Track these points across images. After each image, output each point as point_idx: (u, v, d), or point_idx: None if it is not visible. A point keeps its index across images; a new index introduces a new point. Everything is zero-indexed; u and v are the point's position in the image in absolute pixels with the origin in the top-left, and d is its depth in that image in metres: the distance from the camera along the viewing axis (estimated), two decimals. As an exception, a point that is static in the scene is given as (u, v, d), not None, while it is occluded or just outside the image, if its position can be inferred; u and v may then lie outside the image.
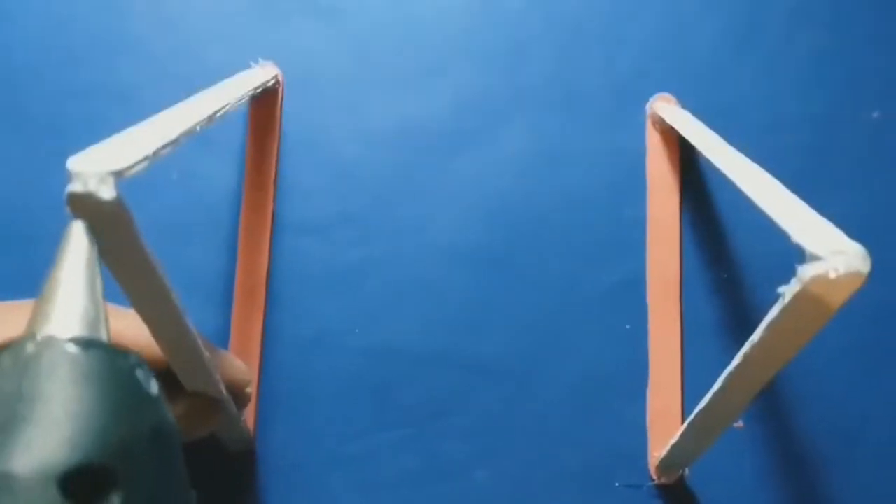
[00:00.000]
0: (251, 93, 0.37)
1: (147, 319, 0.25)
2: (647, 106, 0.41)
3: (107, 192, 0.20)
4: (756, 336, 0.25)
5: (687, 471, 0.39)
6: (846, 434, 0.40)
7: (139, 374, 0.16)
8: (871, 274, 0.40)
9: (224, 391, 0.29)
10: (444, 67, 0.42)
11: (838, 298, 0.22)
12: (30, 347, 0.16)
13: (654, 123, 0.41)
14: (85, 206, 0.20)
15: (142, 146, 0.22)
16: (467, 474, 0.39)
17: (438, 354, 0.40)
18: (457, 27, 0.43)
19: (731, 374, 0.28)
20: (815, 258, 0.22)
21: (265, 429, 0.39)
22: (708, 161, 0.41)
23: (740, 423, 0.40)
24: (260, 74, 0.40)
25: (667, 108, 0.40)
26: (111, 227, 0.20)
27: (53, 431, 0.14)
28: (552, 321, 0.40)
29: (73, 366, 0.15)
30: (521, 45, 0.43)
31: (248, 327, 0.40)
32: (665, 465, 0.38)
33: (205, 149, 0.41)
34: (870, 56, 0.42)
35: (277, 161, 0.41)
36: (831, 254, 0.22)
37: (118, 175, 0.20)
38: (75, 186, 0.20)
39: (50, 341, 0.16)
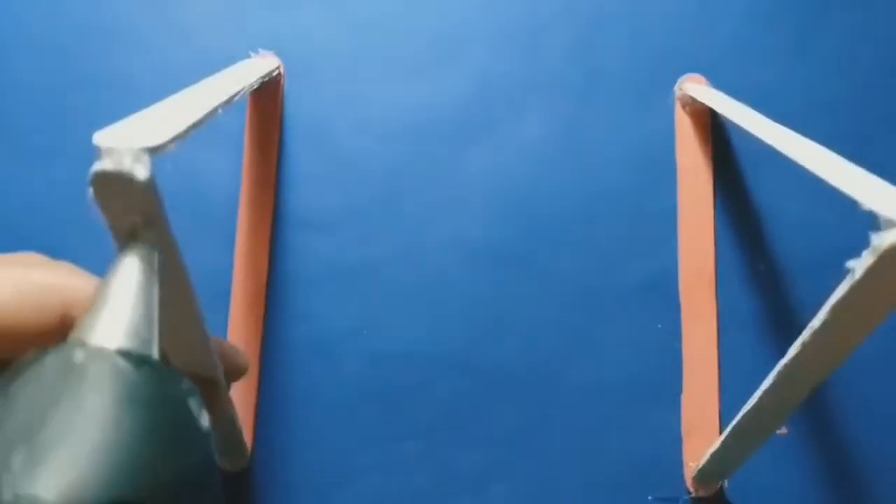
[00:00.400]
0: (255, 83, 0.34)
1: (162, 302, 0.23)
2: (676, 88, 0.38)
3: (142, 172, 0.17)
4: (818, 321, 0.22)
5: (726, 482, 0.36)
6: (893, 441, 0.37)
7: (192, 403, 0.15)
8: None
9: (222, 376, 0.26)
10: (456, 53, 0.40)
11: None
12: (78, 356, 0.14)
13: (683, 105, 0.38)
14: (115, 186, 0.17)
15: (172, 124, 0.20)
16: (483, 489, 0.36)
17: (452, 359, 0.37)
18: (469, 9, 0.40)
19: (784, 368, 0.25)
20: (891, 224, 0.19)
21: (264, 441, 0.36)
22: (743, 144, 0.38)
23: (784, 430, 0.36)
24: (261, 64, 0.37)
25: (697, 88, 0.37)
26: (142, 210, 0.18)
27: (89, 459, 0.12)
28: (576, 322, 0.37)
29: (122, 384, 0.14)
30: (538, 26, 0.40)
31: (246, 331, 0.37)
32: (703, 476, 0.34)
33: (202, 143, 0.39)
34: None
35: (279, 154, 0.39)
36: (911, 217, 0.19)
37: (153, 152, 0.18)
38: (106, 164, 0.17)
39: (100, 353, 0.14)
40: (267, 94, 0.39)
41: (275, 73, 0.38)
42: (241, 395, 0.36)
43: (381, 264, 0.38)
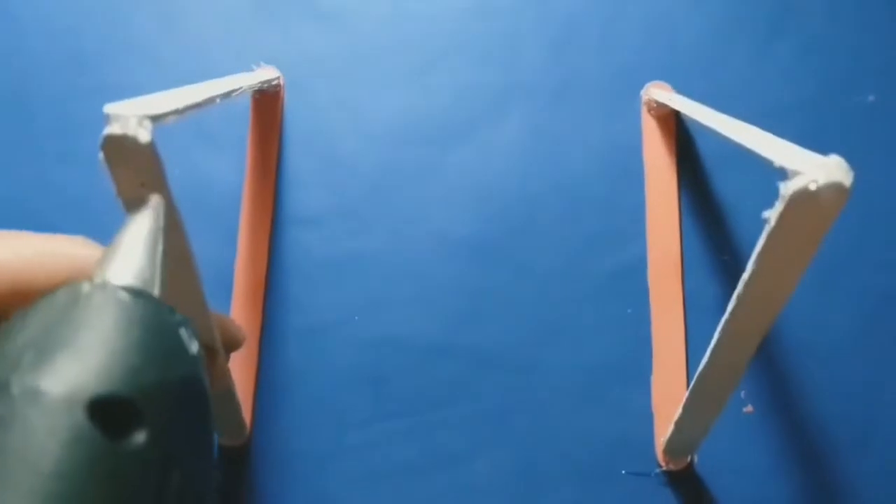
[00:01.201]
0: (258, 86, 0.38)
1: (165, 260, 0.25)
2: (642, 93, 0.42)
3: (144, 135, 0.21)
4: (748, 272, 0.25)
5: (695, 457, 0.38)
6: (858, 421, 0.39)
7: (183, 332, 0.17)
8: (879, 261, 0.39)
9: (220, 346, 0.28)
10: (440, 64, 0.43)
11: (825, 214, 0.22)
12: (86, 287, 0.16)
13: (649, 110, 0.41)
14: (121, 148, 0.21)
15: (171, 102, 0.24)
16: (468, 465, 0.38)
17: (438, 344, 0.40)
18: (451, 25, 0.44)
19: (727, 322, 0.27)
20: (796, 174, 0.22)
21: (262, 419, 0.39)
22: (705, 145, 0.41)
23: (750, 408, 0.39)
24: (262, 74, 0.41)
25: (662, 93, 0.41)
26: (145, 171, 0.21)
27: (89, 358, 0.14)
28: (552, 309, 0.40)
29: (121, 309, 0.16)
30: (515, 40, 0.43)
31: (247, 317, 0.40)
32: (672, 447, 0.37)
33: (207, 144, 0.42)
34: (864, 41, 0.43)
35: (279, 156, 0.42)
36: (811, 166, 0.22)
37: (155, 120, 0.21)
38: (113, 128, 0.20)
39: (104, 285, 0.16)
40: (269, 102, 0.43)
41: (274, 83, 0.42)
42: (242, 377, 0.39)
43: (371, 257, 0.41)
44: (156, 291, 0.18)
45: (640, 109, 0.42)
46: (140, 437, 0.14)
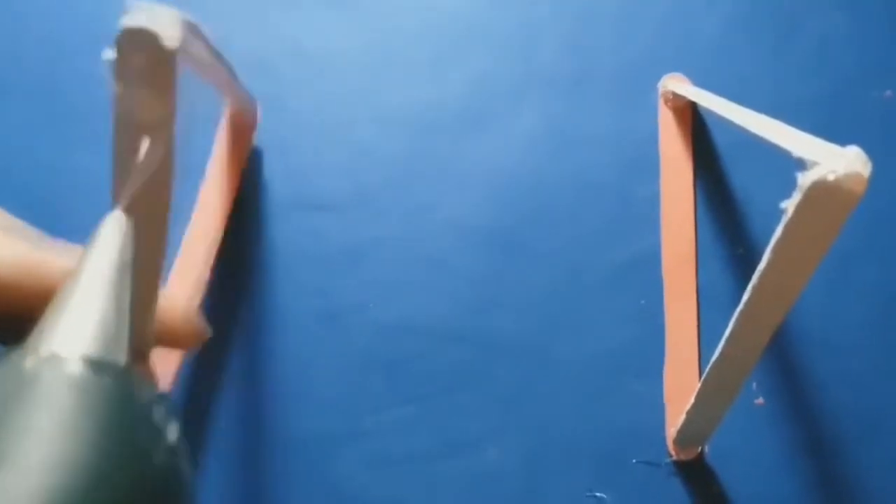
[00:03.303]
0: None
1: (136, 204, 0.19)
2: (659, 85, 0.42)
3: (173, 39, 0.17)
4: (764, 263, 0.25)
5: (706, 448, 0.38)
6: (869, 413, 0.39)
7: (156, 413, 0.14)
8: (892, 255, 0.39)
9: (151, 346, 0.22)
10: (457, 53, 0.43)
11: (842, 205, 0.22)
12: (28, 363, 0.13)
13: (666, 101, 0.41)
14: (139, 51, 0.16)
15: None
16: (479, 451, 0.39)
17: (451, 331, 0.40)
18: (469, 15, 0.44)
19: (741, 312, 0.27)
20: (814, 164, 0.22)
21: (277, 403, 0.39)
22: (721, 137, 0.41)
23: (761, 400, 0.39)
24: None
25: (679, 85, 0.41)
26: (157, 94, 0.17)
27: (34, 479, 0.11)
28: (566, 298, 0.40)
29: (76, 394, 0.13)
30: (531, 31, 0.44)
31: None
32: (682, 438, 0.37)
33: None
34: (882, 35, 0.43)
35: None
36: (829, 157, 0.22)
37: (190, 28, 0.17)
38: (139, 20, 0.16)
39: (53, 360, 0.13)
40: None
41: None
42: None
43: (387, 244, 0.41)
44: (121, 353, 0.14)
45: (657, 101, 0.42)
46: None
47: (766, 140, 0.26)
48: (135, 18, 0.17)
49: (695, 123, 0.42)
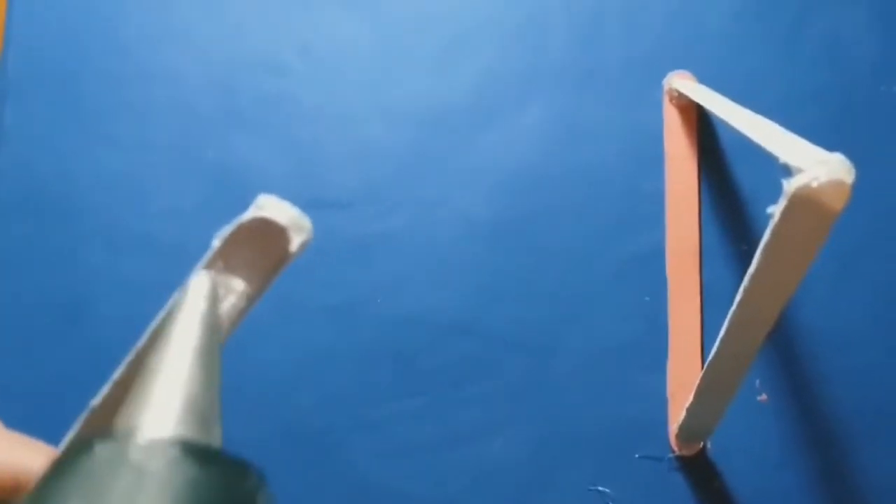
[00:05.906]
0: None
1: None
2: (665, 82, 0.42)
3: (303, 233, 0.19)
4: (753, 266, 0.26)
5: (708, 443, 0.39)
6: (871, 409, 0.39)
7: (259, 500, 0.13)
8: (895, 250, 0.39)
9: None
10: (465, 49, 0.44)
11: (827, 210, 0.22)
12: (133, 454, 0.12)
13: (671, 99, 0.42)
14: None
15: None
16: (485, 443, 0.40)
17: (458, 324, 0.41)
18: (477, 10, 0.44)
19: (734, 313, 0.28)
20: (798, 171, 0.22)
21: (286, 394, 0.40)
22: (726, 134, 0.41)
23: (764, 397, 0.39)
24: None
25: (684, 83, 0.41)
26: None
27: None
28: (571, 293, 0.41)
29: (186, 490, 0.12)
30: (539, 27, 0.44)
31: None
32: (684, 432, 0.37)
33: (242, 128, 0.43)
34: (890, 31, 0.42)
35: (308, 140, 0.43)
36: (813, 164, 0.22)
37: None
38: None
39: (157, 448, 0.12)
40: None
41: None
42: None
43: (396, 238, 0.42)
44: (218, 432, 0.13)
45: (663, 98, 0.42)
46: None
47: (756, 143, 0.26)
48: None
49: (700, 120, 0.42)
